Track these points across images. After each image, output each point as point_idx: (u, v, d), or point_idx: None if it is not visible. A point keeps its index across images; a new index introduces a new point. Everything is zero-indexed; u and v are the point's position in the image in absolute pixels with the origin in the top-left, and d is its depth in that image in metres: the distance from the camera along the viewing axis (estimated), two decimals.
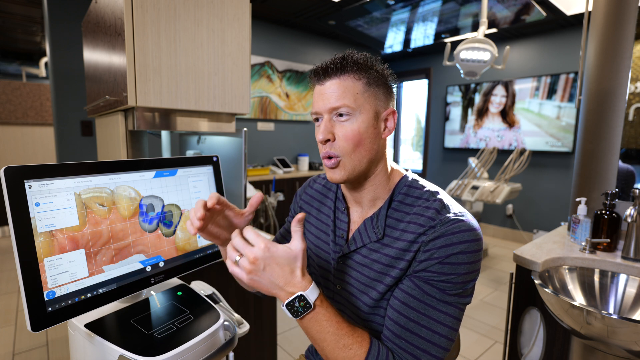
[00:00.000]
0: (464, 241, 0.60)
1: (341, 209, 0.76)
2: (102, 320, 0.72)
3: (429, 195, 0.67)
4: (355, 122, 0.64)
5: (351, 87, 0.64)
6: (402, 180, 0.71)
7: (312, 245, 0.81)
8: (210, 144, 1.61)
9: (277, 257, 0.56)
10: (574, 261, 1.23)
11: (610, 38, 1.34)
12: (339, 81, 0.64)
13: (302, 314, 0.57)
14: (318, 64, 0.68)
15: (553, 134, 3.74)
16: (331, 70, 0.65)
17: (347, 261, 0.72)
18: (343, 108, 0.64)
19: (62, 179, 0.68)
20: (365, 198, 0.72)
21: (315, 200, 0.84)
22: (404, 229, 0.66)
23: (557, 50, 3.75)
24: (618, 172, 1.36)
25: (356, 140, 0.64)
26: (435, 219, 0.63)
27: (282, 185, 3.75)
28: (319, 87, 0.67)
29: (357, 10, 3.38)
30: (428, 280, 0.61)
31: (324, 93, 0.65)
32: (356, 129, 0.64)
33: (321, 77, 0.66)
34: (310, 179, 0.91)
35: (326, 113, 0.65)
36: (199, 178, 0.93)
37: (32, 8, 3.51)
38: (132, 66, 1.12)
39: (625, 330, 0.89)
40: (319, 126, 0.67)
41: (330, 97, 0.64)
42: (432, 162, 5.02)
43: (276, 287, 0.57)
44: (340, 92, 0.64)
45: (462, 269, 0.60)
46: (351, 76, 0.65)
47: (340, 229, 0.75)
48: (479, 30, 2.34)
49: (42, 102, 4.51)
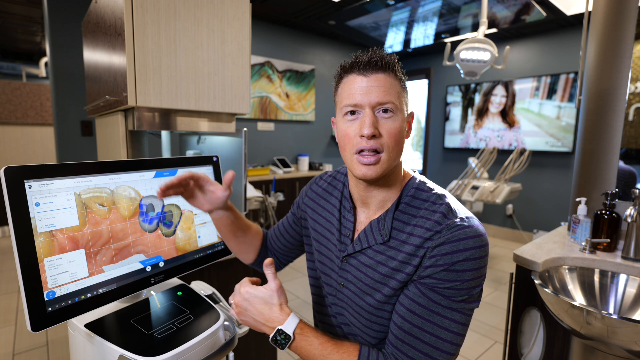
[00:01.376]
0: (470, 248, 0.59)
1: (347, 208, 0.76)
2: (102, 320, 0.72)
3: (435, 198, 0.67)
4: (397, 120, 0.64)
5: (394, 85, 0.64)
6: (409, 182, 0.71)
7: (316, 243, 0.81)
8: (210, 144, 1.61)
9: (255, 299, 0.66)
10: (574, 261, 1.23)
11: (610, 38, 1.34)
12: (385, 77, 0.63)
13: (285, 345, 0.63)
14: (356, 55, 0.65)
15: (553, 134, 3.75)
16: (378, 64, 0.63)
17: (351, 261, 0.71)
18: (389, 104, 0.63)
19: (62, 179, 0.68)
20: (376, 199, 0.70)
21: (321, 198, 0.84)
22: (411, 232, 0.65)
23: (557, 50, 3.75)
24: (618, 172, 1.36)
25: (398, 139, 0.64)
26: (441, 224, 0.62)
27: (282, 185, 3.75)
28: (362, 78, 0.63)
29: (357, 10, 3.38)
30: (433, 287, 0.60)
31: (369, 86, 0.62)
32: (398, 127, 0.64)
33: (366, 69, 0.63)
34: (316, 177, 0.90)
35: (369, 107, 0.62)
36: None
37: (32, 8, 3.51)
38: (132, 66, 1.12)
39: (625, 330, 0.89)
40: (356, 120, 0.64)
41: (377, 92, 0.62)
42: (432, 162, 5.02)
43: (260, 324, 0.66)
44: (387, 88, 0.62)
45: (467, 276, 0.59)
46: (394, 75, 0.64)
47: (346, 228, 0.74)
48: (479, 30, 2.34)
49: (42, 102, 4.51)
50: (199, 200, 0.77)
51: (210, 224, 0.96)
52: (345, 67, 0.66)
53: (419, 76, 5.09)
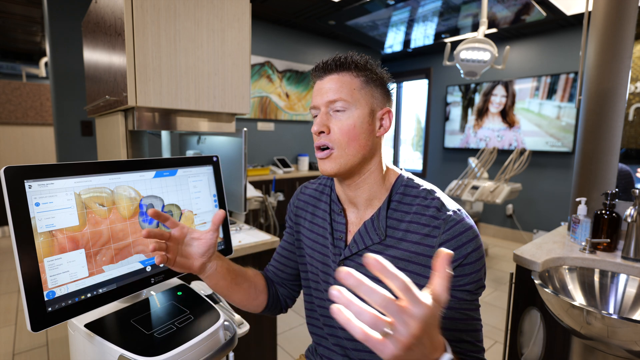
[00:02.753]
0: (471, 239, 0.63)
1: (337, 210, 0.76)
2: (102, 320, 0.72)
3: (426, 193, 0.68)
4: (351, 116, 0.66)
5: (348, 82, 0.66)
6: (398, 179, 0.72)
7: (310, 250, 0.80)
8: (210, 144, 1.61)
9: (435, 315, 0.39)
10: (574, 261, 1.23)
11: (610, 38, 1.34)
12: (337, 77, 0.66)
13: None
14: (317, 62, 0.70)
15: (553, 134, 3.74)
16: (331, 66, 0.67)
17: (349, 264, 0.71)
18: (339, 102, 0.65)
19: (62, 179, 0.68)
20: (361, 197, 0.71)
21: (310, 205, 0.83)
22: (406, 229, 0.66)
23: (557, 50, 3.75)
24: (619, 173, 1.36)
25: (351, 134, 0.66)
26: (438, 218, 0.64)
27: (282, 185, 3.75)
28: (319, 82, 0.69)
29: (357, 10, 3.38)
30: (456, 287, 0.63)
31: (322, 88, 0.67)
32: (351, 123, 0.65)
33: (321, 73, 0.68)
34: (301, 187, 0.89)
35: (323, 106, 0.67)
36: (199, 178, 0.92)
37: (32, 8, 3.51)
38: (132, 66, 1.12)
39: (625, 330, 0.89)
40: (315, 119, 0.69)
41: (328, 92, 0.66)
42: (432, 162, 5.02)
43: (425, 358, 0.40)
44: (338, 86, 0.66)
45: (478, 265, 0.63)
46: (350, 73, 0.67)
47: (338, 231, 0.74)
48: (479, 30, 2.34)
49: (42, 102, 4.50)
50: (187, 260, 0.65)
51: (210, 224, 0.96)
52: (311, 74, 0.73)
53: (419, 76, 5.09)
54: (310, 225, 0.81)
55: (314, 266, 0.79)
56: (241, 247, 1.38)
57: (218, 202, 0.96)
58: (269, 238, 1.49)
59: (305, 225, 0.82)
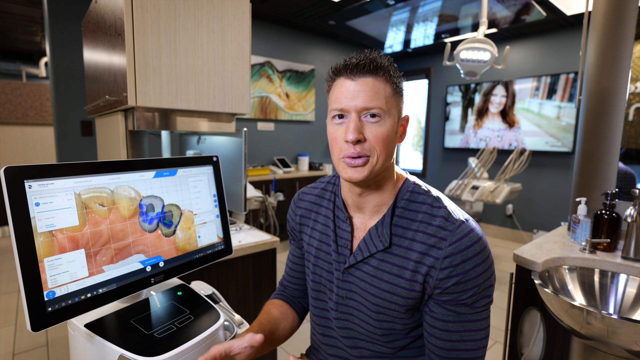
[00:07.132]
0: (478, 253, 0.61)
1: (342, 218, 0.73)
2: (102, 320, 0.72)
3: (432, 201, 0.67)
4: (384, 124, 0.63)
5: (383, 89, 0.62)
6: (404, 185, 0.70)
7: (314, 258, 0.79)
8: (210, 144, 1.61)
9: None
10: (574, 261, 1.23)
11: (610, 38, 1.34)
12: (373, 81, 0.62)
13: None
14: (347, 59, 0.64)
15: (553, 134, 3.75)
16: (367, 68, 0.61)
17: (354, 272, 0.70)
18: (376, 109, 0.61)
19: (62, 179, 0.68)
20: (370, 203, 0.70)
21: (312, 212, 0.82)
22: (413, 237, 0.65)
23: (557, 50, 3.75)
24: (618, 173, 1.36)
25: (385, 143, 0.63)
26: (444, 229, 0.63)
27: (282, 185, 3.75)
28: (350, 82, 0.62)
29: (357, 10, 3.38)
30: (457, 301, 0.63)
31: (354, 90, 0.62)
32: (385, 131, 0.63)
33: (354, 73, 0.62)
34: (297, 194, 0.87)
35: (354, 112, 0.62)
36: (199, 178, 0.92)
37: (32, 8, 3.52)
38: (132, 66, 1.12)
39: (625, 330, 0.89)
40: (343, 124, 0.64)
41: (364, 96, 0.61)
42: (432, 162, 5.02)
43: None
44: (374, 92, 0.61)
45: (481, 279, 0.62)
46: (384, 78, 0.63)
47: (343, 238, 0.72)
48: (479, 30, 2.34)
49: (42, 102, 4.50)
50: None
51: (210, 224, 0.96)
52: (335, 69, 0.65)
53: (419, 76, 5.09)
54: (313, 232, 0.80)
55: (317, 274, 0.78)
56: (241, 247, 1.38)
57: (218, 202, 0.96)
58: (269, 238, 1.49)
59: (308, 233, 0.81)
